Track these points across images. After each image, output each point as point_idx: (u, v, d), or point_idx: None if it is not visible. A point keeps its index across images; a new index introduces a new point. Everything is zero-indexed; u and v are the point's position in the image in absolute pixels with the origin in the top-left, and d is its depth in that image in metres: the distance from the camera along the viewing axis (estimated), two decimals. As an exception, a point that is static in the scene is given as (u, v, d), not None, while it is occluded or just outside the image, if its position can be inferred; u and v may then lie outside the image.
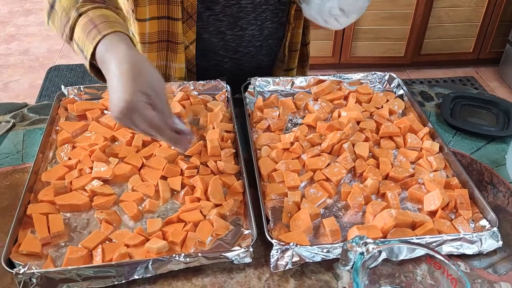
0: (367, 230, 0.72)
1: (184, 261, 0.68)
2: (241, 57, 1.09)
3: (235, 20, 1.01)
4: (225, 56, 1.08)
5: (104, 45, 0.73)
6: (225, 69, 1.11)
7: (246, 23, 1.02)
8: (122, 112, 0.68)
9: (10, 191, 0.82)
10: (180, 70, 1.05)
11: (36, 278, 0.65)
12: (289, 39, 1.11)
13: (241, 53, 1.08)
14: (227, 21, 1.01)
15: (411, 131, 0.94)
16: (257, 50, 1.09)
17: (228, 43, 1.05)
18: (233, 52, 1.08)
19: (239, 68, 1.11)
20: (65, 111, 0.98)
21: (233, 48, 1.07)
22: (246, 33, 1.04)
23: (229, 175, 0.85)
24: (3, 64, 3.08)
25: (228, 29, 1.02)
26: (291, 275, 0.71)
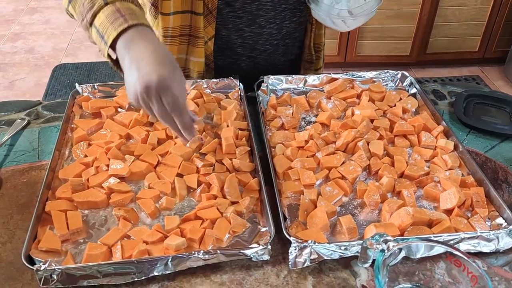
0: (385, 228, 0.73)
1: (203, 258, 0.69)
2: (258, 55, 1.09)
3: (254, 17, 1.02)
4: (243, 54, 1.08)
5: (131, 32, 0.73)
6: (242, 68, 1.11)
7: (265, 21, 1.03)
8: (151, 85, 0.69)
9: (27, 188, 0.82)
10: (199, 64, 1.05)
11: (57, 274, 0.66)
12: (313, 40, 1.12)
13: (258, 51, 1.08)
14: (246, 18, 1.01)
15: (425, 130, 0.94)
16: (274, 49, 1.10)
17: (246, 40, 1.06)
18: (250, 50, 1.08)
19: (255, 67, 1.12)
20: (80, 108, 0.99)
21: (251, 45, 1.07)
22: (264, 31, 1.05)
23: (244, 173, 0.85)
24: (8, 63, 3.08)
25: (247, 26, 1.02)
26: (309, 273, 0.71)
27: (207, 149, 0.90)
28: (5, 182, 0.84)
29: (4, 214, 0.78)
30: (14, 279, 0.69)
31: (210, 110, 1.00)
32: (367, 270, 0.71)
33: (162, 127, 0.94)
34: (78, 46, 3.27)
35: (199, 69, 1.06)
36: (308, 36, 1.11)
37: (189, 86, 1.05)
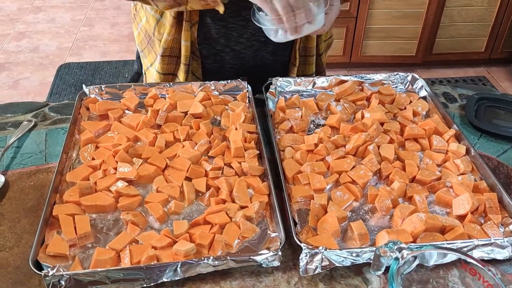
0: (397, 235, 0.71)
1: (213, 264, 0.68)
2: (243, 50, 1.08)
3: (239, 9, 1.00)
4: (227, 45, 1.07)
5: None
6: (226, 61, 1.10)
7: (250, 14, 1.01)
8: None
9: (34, 191, 0.82)
10: (186, 48, 1.05)
11: (65, 280, 0.65)
12: (300, 42, 1.09)
13: (243, 45, 1.07)
14: (231, 8, 0.99)
15: (436, 133, 0.93)
16: (261, 45, 1.08)
17: (229, 31, 1.04)
18: (234, 43, 1.07)
19: (241, 63, 1.10)
20: (87, 110, 0.98)
21: (235, 38, 1.06)
22: (249, 25, 1.02)
23: (253, 177, 0.84)
24: (13, 62, 3.08)
25: (231, 17, 1.00)
26: (320, 279, 0.70)
27: (215, 152, 0.89)
28: (12, 185, 0.83)
29: (11, 218, 0.77)
30: (21, 284, 0.68)
31: (217, 112, 1.00)
32: (379, 278, 0.70)
33: (170, 130, 0.93)
34: (82, 46, 3.27)
35: (186, 53, 1.05)
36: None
37: (196, 87, 1.04)
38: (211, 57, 1.10)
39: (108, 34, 3.41)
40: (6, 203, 0.80)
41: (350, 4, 2.70)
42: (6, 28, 3.46)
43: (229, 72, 1.09)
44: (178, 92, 1.02)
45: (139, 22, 1.16)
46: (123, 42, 3.31)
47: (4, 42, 3.30)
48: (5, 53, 3.17)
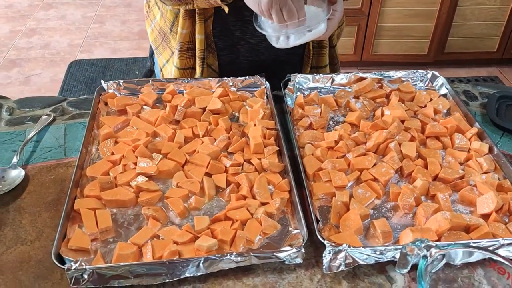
0: (421, 233, 0.71)
1: (235, 260, 0.67)
2: (258, 43, 1.07)
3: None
4: (242, 38, 1.06)
5: None
6: (241, 53, 1.09)
7: None
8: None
9: (54, 185, 0.82)
10: (200, 41, 1.04)
11: (87, 274, 0.64)
12: None
13: (259, 38, 1.06)
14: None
15: (458, 131, 0.92)
16: None
17: (245, 24, 1.04)
18: (250, 36, 1.06)
19: (256, 55, 1.09)
20: (105, 105, 0.98)
21: (250, 31, 1.05)
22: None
23: (273, 173, 0.84)
24: (24, 58, 3.09)
25: (247, 10, 1.00)
26: (343, 277, 0.69)
27: (234, 148, 0.88)
28: (32, 179, 0.83)
29: (32, 212, 0.77)
30: (44, 278, 0.68)
31: (236, 108, 0.99)
32: (404, 276, 0.69)
33: (189, 126, 0.93)
34: (93, 43, 3.27)
35: (200, 46, 1.05)
36: None
37: (214, 83, 1.03)
38: (227, 49, 1.09)
39: (118, 31, 3.42)
40: (27, 197, 0.80)
41: (362, 2, 2.68)
42: (17, 25, 3.48)
43: (244, 64, 1.09)
44: (196, 88, 1.01)
45: (152, 20, 1.16)
46: (133, 39, 3.32)
47: (15, 38, 3.31)
48: (16, 50, 3.18)
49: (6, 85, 2.82)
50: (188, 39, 1.06)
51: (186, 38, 1.06)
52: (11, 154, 0.87)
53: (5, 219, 0.76)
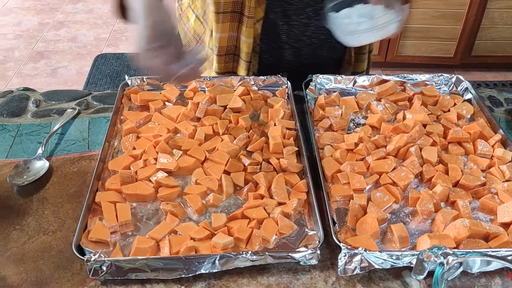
0: (439, 239, 0.70)
1: (251, 258, 0.68)
2: (303, 47, 1.07)
3: (304, 6, 1.00)
4: (287, 42, 1.07)
5: None
6: (284, 57, 1.09)
7: (314, 12, 1.01)
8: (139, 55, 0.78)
9: (77, 178, 0.83)
10: (247, 45, 1.04)
11: (106, 266, 0.66)
12: None
13: (304, 43, 1.06)
14: (296, 5, 1.00)
15: (481, 137, 0.90)
16: (320, 43, 1.07)
17: (292, 28, 1.04)
18: (295, 40, 1.06)
19: (298, 60, 1.10)
20: (128, 100, 0.99)
21: (296, 35, 1.05)
22: (311, 23, 1.02)
23: (292, 174, 0.84)
24: (52, 50, 3.16)
25: (295, 14, 1.00)
26: (358, 280, 0.69)
27: (254, 147, 0.89)
28: (56, 171, 0.85)
29: (55, 203, 0.79)
30: (63, 268, 0.69)
31: (256, 107, 0.99)
32: (419, 282, 0.68)
33: (209, 123, 0.94)
34: (119, 37, 3.32)
35: (247, 50, 1.04)
36: None
37: (236, 82, 1.04)
38: (270, 52, 1.09)
39: (144, 26, 3.46)
40: (50, 187, 0.82)
41: (388, 3, 2.65)
42: (46, 17, 3.55)
43: (286, 68, 1.08)
44: (218, 86, 1.02)
45: (186, 23, 1.16)
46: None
47: (44, 31, 3.38)
48: (45, 42, 3.25)
49: (34, 76, 2.89)
50: (226, 43, 1.05)
51: (224, 43, 1.05)
52: (36, 145, 0.90)
53: (28, 209, 0.78)
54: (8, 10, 3.64)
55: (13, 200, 0.79)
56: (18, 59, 3.05)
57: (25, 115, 0.98)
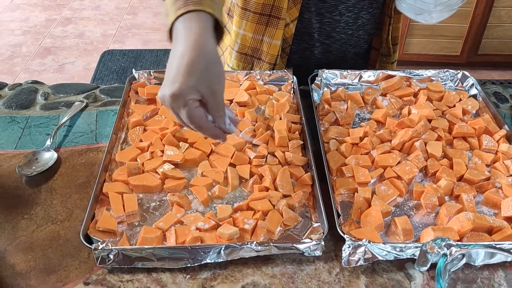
0: (443, 232, 0.70)
1: (255, 249, 0.69)
2: (332, 43, 1.08)
3: (336, 3, 1.00)
4: (318, 40, 1.07)
5: (182, 22, 0.66)
6: (314, 55, 1.10)
7: (345, 8, 1.02)
8: (167, 99, 0.65)
9: (85, 169, 0.85)
10: (274, 47, 1.03)
11: (113, 254, 0.67)
12: (391, 33, 1.10)
13: (333, 39, 1.07)
14: (329, 3, 1.00)
15: (486, 133, 0.90)
16: (348, 38, 1.08)
17: (323, 26, 1.05)
18: (326, 37, 1.07)
19: (326, 56, 1.10)
20: (136, 94, 1.00)
21: (328, 32, 1.06)
22: (342, 19, 1.03)
23: (296, 167, 0.84)
24: (59, 46, 3.18)
25: (328, 12, 1.01)
26: (361, 272, 0.70)
27: (260, 141, 0.89)
28: (64, 162, 0.86)
29: (63, 193, 0.80)
30: (71, 256, 0.71)
31: (262, 101, 1.00)
32: (423, 274, 0.69)
33: (216, 116, 0.94)
34: (125, 33, 3.34)
35: (273, 52, 1.04)
36: (386, 29, 1.09)
37: (242, 76, 1.05)
38: (300, 52, 1.10)
39: (150, 22, 3.47)
40: (58, 178, 0.83)
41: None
42: (53, 13, 3.57)
43: (313, 66, 1.08)
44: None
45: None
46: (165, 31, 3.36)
47: (51, 27, 3.40)
48: (52, 38, 3.27)
49: (41, 72, 2.91)
50: (249, 43, 1.05)
51: (247, 42, 1.05)
52: (45, 137, 0.91)
53: (37, 198, 0.79)
54: (15, 6, 3.66)
55: (22, 190, 0.81)
56: (25, 55, 3.07)
57: (33, 107, 0.99)
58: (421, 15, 0.93)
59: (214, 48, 0.67)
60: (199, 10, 0.67)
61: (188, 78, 0.63)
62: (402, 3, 0.93)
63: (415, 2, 0.90)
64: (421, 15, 0.92)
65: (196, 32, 0.65)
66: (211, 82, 0.65)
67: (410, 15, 0.95)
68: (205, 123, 0.67)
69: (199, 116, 0.65)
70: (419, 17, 0.94)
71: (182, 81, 0.63)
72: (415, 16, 0.93)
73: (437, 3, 0.89)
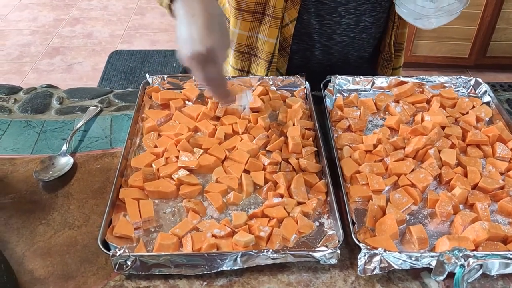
0: (459, 242, 0.71)
1: (271, 256, 0.69)
2: (333, 46, 1.09)
3: (336, 5, 1.01)
4: (318, 41, 1.08)
5: None
6: (315, 56, 1.10)
7: (345, 10, 1.02)
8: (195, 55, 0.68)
9: (101, 174, 0.85)
10: (270, 45, 1.04)
11: (131, 261, 0.68)
12: (393, 38, 1.10)
13: (334, 41, 1.08)
14: (329, 5, 1.01)
15: (500, 141, 0.90)
16: (350, 41, 1.08)
17: (324, 27, 1.05)
18: (326, 39, 1.07)
19: (328, 58, 1.11)
20: (149, 99, 1.01)
21: (328, 34, 1.06)
22: (342, 21, 1.04)
23: (311, 174, 0.85)
24: (67, 46, 3.20)
25: (327, 14, 1.01)
26: (377, 280, 0.70)
27: (273, 147, 0.90)
28: (80, 167, 0.87)
29: (80, 198, 0.81)
30: (89, 262, 0.71)
31: (275, 107, 1.00)
32: (438, 283, 0.69)
33: (229, 123, 0.95)
34: (133, 34, 3.35)
35: (268, 50, 1.05)
36: (389, 34, 1.09)
37: (255, 82, 1.05)
38: (300, 52, 1.10)
39: (158, 23, 3.48)
40: (75, 183, 0.84)
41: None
42: (61, 13, 3.59)
43: (314, 67, 1.10)
44: (237, 86, 1.03)
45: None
46: (172, 31, 3.37)
47: (59, 27, 3.42)
48: (60, 38, 3.29)
49: (49, 72, 2.93)
50: (245, 42, 1.06)
51: (242, 40, 1.06)
52: (60, 141, 0.92)
53: (54, 204, 0.80)
54: (24, 6, 3.68)
55: (39, 195, 0.81)
56: (34, 55, 3.09)
57: (49, 111, 1.00)
58: (419, 20, 0.92)
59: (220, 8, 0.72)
60: None
61: (213, 36, 0.68)
62: (402, 8, 0.93)
63: (415, 7, 0.90)
64: (420, 20, 0.92)
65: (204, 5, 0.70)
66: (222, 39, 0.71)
67: (409, 19, 0.94)
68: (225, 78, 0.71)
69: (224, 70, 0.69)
70: (418, 22, 0.93)
71: (211, 38, 0.67)
72: (414, 21, 0.93)
73: (438, 9, 0.89)
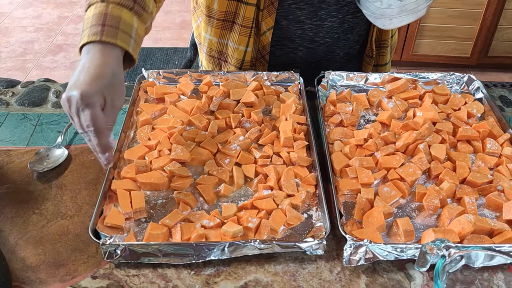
0: (444, 234, 0.71)
1: (258, 246, 0.70)
2: (317, 47, 1.09)
3: (316, 9, 1.01)
4: (301, 44, 1.09)
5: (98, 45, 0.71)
6: (299, 56, 1.11)
7: (326, 14, 1.02)
8: (74, 98, 0.67)
9: (94, 166, 0.87)
10: (239, 52, 1.06)
11: (120, 250, 0.69)
12: (376, 34, 1.10)
13: (318, 43, 1.08)
14: (308, 10, 1.01)
15: (491, 136, 0.91)
16: (334, 41, 1.09)
17: (305, 32, 1.06)
18: (309, 42, 1.08)
19: (312, 57, 1.12)
20: (145, 93, 1.02)
21: (310, 37, 1.07)
22: (325, 24, 1.04)
23: (301, 167, 0.86)
24: (71, 43, 3.22)
25: (307, 18, 1.02)
26: (362, 271, 0.71)
27: (265, 141, 0.91)
28: (74, 159, 0.88)
29: (73, 189, 0.82)
30: (80, 250, 0.73)
31: (269, 102, 1.02)
32: (422, 274, 0.70)
33: (223, 117, 0.96)
34: (136, 31, 3.36)
35: (238, 56, 1.07)
36: (371, 30, 1.09)
37: (249, 77, 1.06)
38: (284, 56, 1.11)
39: (161, 21, 3.50)
40: (68, 175, 0.85)
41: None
42: (65, 11, 3.62)
43: (299, 64, 1.11)
44: (232, 81, 1.04)
45: (199, 16, 1.18)
46: (175, 29, 3.39)
47: (63, 24, 3.44)
48: (64, 35, 3.31)
49: (52, 69, 2.95)
50: (216, 47, 1.09)
51: (213, 46, 1.09)
52: (56, 134, 0.93)
53: (47, 194, 0.82)
54: (28, 3, 3.71)
55: (33, 186, 0.83)
56: (37, 52, 3.11)
57: (45, 105, 1.02)
58: (379, 20, 0.91)
59: (119, 72, 0.74)
60: (112, 43, 0.72)
61: (96, 83, 0.68)
62: (363, 9, 0.91)
63: (376, 9, 0.88)
64: (379, 19, 0.90)
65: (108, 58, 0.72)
66: (114, 96, 0.72)
67: (370, 18, 0.92)
68: (105, 128, 0.70)
69: (102, 118, 0.69)
70: (377, 21, 0.92)
71: (91, 84, 0.68)
72: (374, 20, 0.91)
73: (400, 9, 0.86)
